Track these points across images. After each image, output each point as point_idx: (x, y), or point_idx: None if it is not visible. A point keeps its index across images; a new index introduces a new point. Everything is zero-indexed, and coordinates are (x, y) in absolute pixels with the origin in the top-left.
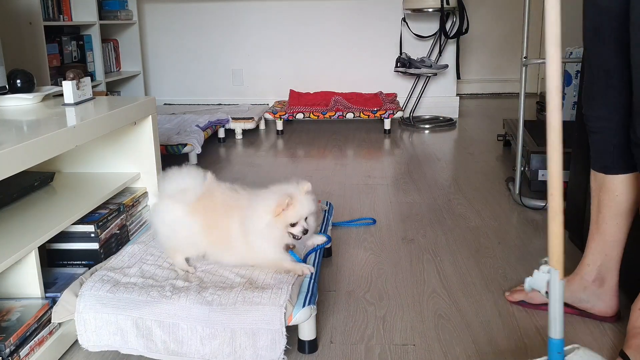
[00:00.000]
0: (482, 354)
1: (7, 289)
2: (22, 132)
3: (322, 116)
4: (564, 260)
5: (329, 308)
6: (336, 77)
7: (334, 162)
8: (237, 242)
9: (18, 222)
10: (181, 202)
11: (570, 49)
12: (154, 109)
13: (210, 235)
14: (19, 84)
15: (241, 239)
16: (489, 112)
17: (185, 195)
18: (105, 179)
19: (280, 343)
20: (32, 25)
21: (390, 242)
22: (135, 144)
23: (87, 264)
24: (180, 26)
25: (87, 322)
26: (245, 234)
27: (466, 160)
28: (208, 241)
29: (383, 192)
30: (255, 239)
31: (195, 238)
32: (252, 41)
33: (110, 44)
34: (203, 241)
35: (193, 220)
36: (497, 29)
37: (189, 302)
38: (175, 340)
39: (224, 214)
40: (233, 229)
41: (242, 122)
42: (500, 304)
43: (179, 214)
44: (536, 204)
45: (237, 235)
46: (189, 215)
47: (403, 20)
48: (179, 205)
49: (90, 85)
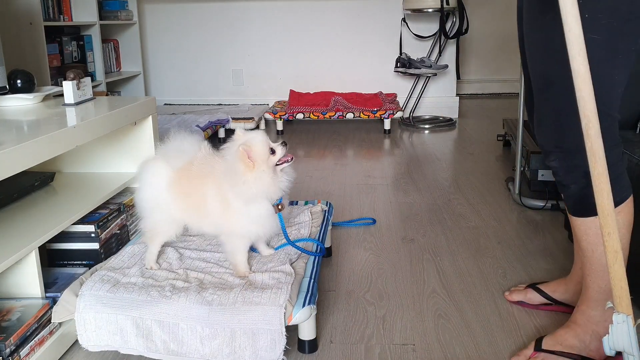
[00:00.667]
0: (482, 354)
1: (8, 289)
2: (23, 132)
3: (322, 116)
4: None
5: (329, 308)
6: (336, 77)
7: (334, 162)
8: (213, 209)
9: (18, 222)
10: (167, 165)
11: None
12: (154, 109)
13: (186, 202)
14: (19, 84)
15: (217, 205)
16: (489, 112)
17: (173, 160)
18: (105, 179)
19: (279, 343)
20: (32, 26)
21: (390, 242)
22: (136, 144)
23: (88, 264)
24: (180, 26)
25: (87, 321)
26: (227, 206)
27: (466, 160)
28: (183, 208)
29: (383, 192)
30: (239, 216)
31: (172, 206)
32: (252, 41)
33: (111, 44)
34: (180, 209)
35: (171, 190)
36: (497, 29)
37: (189, 302)
38: (175, 340)
39: (200, 181)
40: (209, 195)
41: (242, 122)
42: (500, 304)
43: (162, 177)
44: (536, 204)
45: (213, 202)
46: (170, 182)
47: (403, 21)
48: (164, 169)
49: (91, 85)
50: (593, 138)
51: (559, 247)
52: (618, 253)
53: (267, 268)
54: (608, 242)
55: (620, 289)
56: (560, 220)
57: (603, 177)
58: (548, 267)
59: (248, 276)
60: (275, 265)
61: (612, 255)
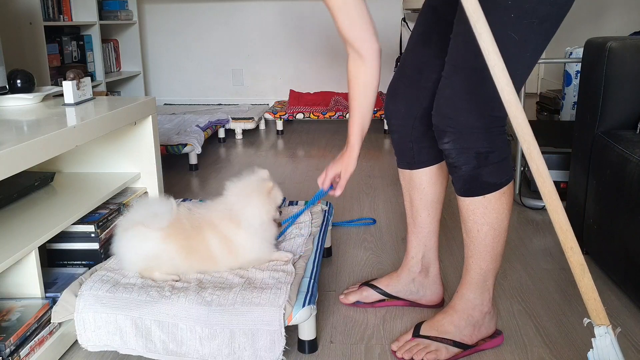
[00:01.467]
0: (482, 354)
1: (7, 289)
2: (22, 132)
3: (322, 116)
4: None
5: (329, 308)
6: (336, 77)
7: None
8: (218, 254)
9: (18, 222)
10: (155, 227)
11: (570, 48)
12: (154, 109)
13: (188, 256)
14: (19, 84)
15: (221, 249)
16: None
17: (157, 220)
18: (105, 179)
19: (279, 344)
20: (32, 26)
21: (390, 242)
22: (136, 144)
23: (87, 264)
24: (180, 26)
25: (87, 321)
26: (228, 244)
27: None
28: (187, 263)
29: (383, 192)
30: (252, 239)
31: (172, 261)
32: (252, 41)
33: (111, 44)
34: (179, 262)
35: (168, 244)
36: None
37: (188, 303)
38: (174, 341)
39: (198, 232)
40: (212, 243)
41: (242, 122)
42: (500, 304)
43: (155, 239)
44: (536, 204)
45: (216, 247)
46: (164, 239)
47: (403, 21)
48: (152, 231)
49: (91, 85)
50: (537, 160)
51: (559, 247)
52: (584, 266)
53: (268, 266)
54: (573, 257)
55: (593, 301)
56: None
57: (553, 195)
58: (548, 267)
59: (289, 257)
60: (278, 263)
61: (579, 269)
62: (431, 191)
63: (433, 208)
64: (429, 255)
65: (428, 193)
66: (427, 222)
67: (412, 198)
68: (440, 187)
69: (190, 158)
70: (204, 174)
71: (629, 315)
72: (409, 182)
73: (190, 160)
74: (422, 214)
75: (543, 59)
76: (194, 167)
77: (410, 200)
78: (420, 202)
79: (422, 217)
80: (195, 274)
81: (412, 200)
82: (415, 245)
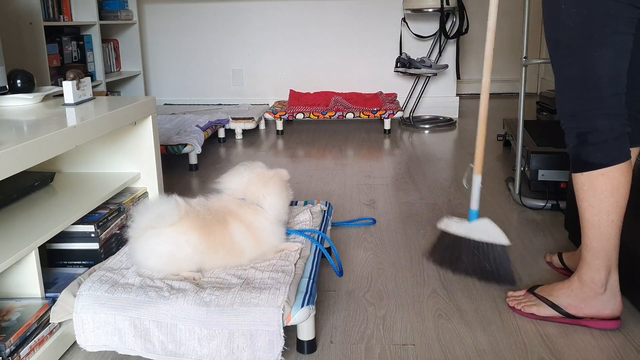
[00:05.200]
0: (482, 354)
1: (7, 289)
2: (22, 132)
3: (322, 116)
4: None
5: (328, 308)
6: (336, 77)
7: (334, 162)
8: (243, 242)
9: (18, 222)
10: (167, 226)
11: None
12: (154, 109)
13: (210, 247)
14: (19, 84)
15: (246, 237)
16: (489, 112)
17: (165, 219)
18: (105, 179)
19: (278, 344)
20: (32, 26)
21: (390, 242)
22: (136, 144)
23: (87, 264)
24: (180, 26)
25: (85, 322)
26: (252, 231)
27: (466, 160)
28: (208, 255)
29: (383, 192)
30: (272, 224)
31: (195, 255)
32: (252, 41)
33: (111, 44)
34: (203, 256)
35: (188, 239)
36: (497, 29)
37: (187, 303)
38: (173, 341)
39: (217, 222)
40: (235, 232)
41: (242, 122)
42: (500, 304)
43: (172, 237)
44: (536, 204)
45: (241, 236)
46: (182, 235)
47: (403, 21)
48: (167, 230)
49: (91, 85)
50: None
51: (559, 247)
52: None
53: (267, 266)
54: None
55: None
56: (560, 220)
57: None
58: (548, 267)
59: (299, 247)
60: (278, 262)
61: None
62: None
63: (623, 211)
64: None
65: None
66: (616, 232)
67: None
68: None
69: (190, 158)
70: (204, 174)
71: (629, 316)
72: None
73: (190, 160)
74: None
75: (543, 58)
76: (194, 167)
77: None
78: None
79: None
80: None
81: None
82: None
